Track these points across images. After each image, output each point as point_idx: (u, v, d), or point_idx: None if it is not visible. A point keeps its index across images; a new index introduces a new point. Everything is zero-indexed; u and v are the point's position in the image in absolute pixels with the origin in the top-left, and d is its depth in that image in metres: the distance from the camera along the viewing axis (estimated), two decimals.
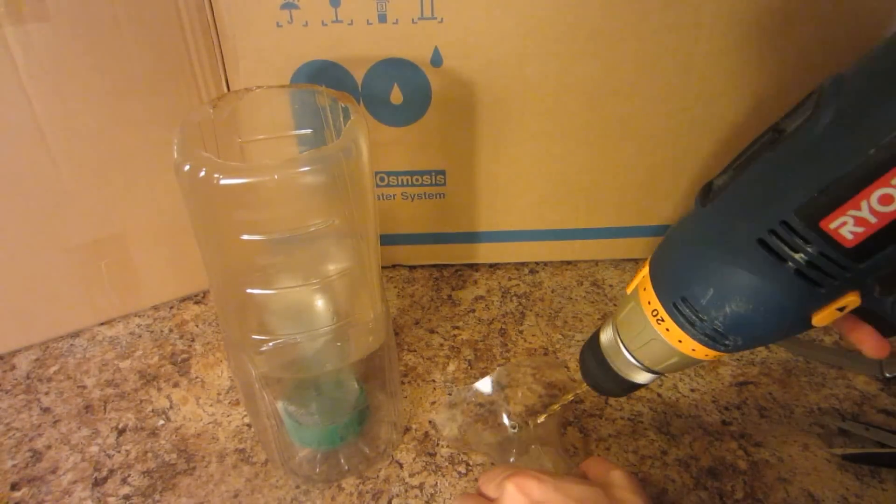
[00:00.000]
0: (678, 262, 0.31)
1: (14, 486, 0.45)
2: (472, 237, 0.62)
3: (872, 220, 0.23)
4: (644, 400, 0.50)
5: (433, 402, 0.50)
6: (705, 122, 0.54)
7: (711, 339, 0.30)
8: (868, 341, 0.30)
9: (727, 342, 0.30)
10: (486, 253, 0.63)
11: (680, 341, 0.32)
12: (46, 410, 0.50)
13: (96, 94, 0.47)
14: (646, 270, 0.33)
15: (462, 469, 0.45)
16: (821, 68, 0.52)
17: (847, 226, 0.24)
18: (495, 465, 0.41)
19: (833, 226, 0.24)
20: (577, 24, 0.49)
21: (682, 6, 0.49)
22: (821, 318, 0.27)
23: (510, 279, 0.63)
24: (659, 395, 0.50)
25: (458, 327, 0.57)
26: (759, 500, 0.43)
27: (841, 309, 0.27)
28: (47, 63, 0.45)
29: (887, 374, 0.50)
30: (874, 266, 0.25)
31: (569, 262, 0.65)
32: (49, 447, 0.47)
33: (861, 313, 0.28)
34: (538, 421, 0.45)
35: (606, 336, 0.37)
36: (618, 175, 0.57)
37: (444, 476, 0.45)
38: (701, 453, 0.46)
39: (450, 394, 0.50)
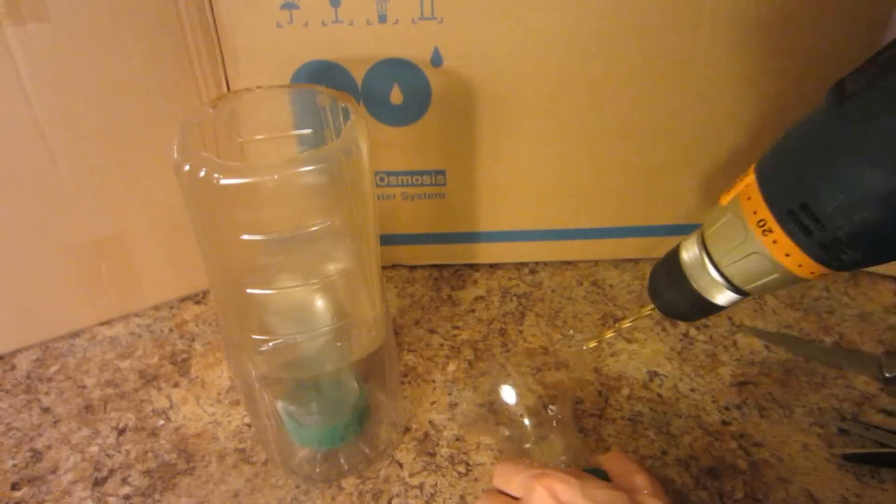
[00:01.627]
0: (801, 166, 0.28)
1: (14, 486, 0.45)
2: (472, 237, 0.62)
3: None
4: (644, 400, 0.50)
5: (433, 402, 0.50)
6: (705, 121, 0.54)
7: (828, 251, 0.28)
8: None
9: (843, 256, 0.28)
10: (486, 253, 0.63)
11: (787, 255, 0.29)
12: (46, 410, 0.50)
13: (96, 94, 0.47)
14: (751, 178, 0.31)
15: (462, 469, 0.45)
16: (821, 67, 0.52)
17: None
18: (508, 459, 0.40)
19: None
20: (577, 24, 0.49)
21: (682, 6, 0.49)
22: None
23: (510, 279, 0.63)
24: (659, 395, 0.50)
25: (458, 327, 0.57)
26: (759, 500, 0.43)
27: None
28: (47, 63, 0.45)
29: (887, 374, 0.50)
30: None
31: (569, 262, 0.65)
32: (49, 447, 0.47)
33: None
34: (591, 345, 0.42)
35: (690, 253, 0.34)
36: (618, 175, 0.57)
37: (444, 476, 0.45)
38: (701, 453, 0.46)
39: (450, 393, 0.50)
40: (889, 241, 0.27)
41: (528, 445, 0.44)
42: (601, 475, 0.38)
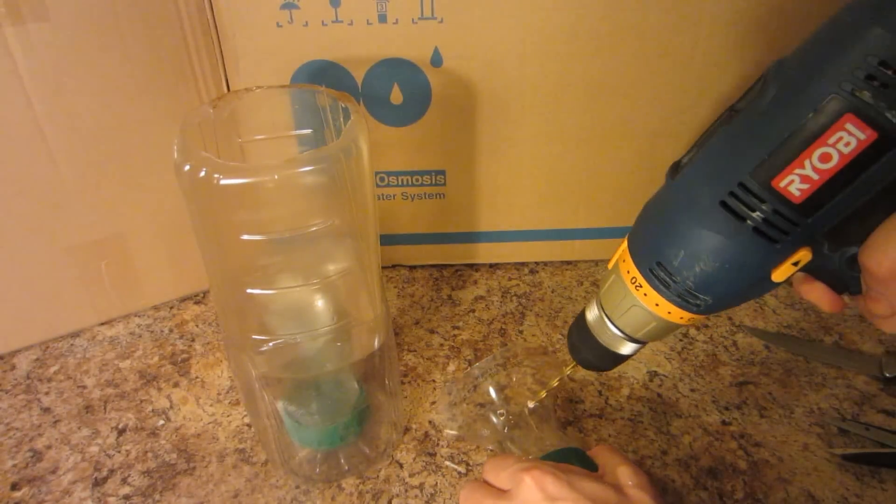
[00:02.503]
0: (652, 231, 0.34)
1: (14, 486, 0.45)
2: (472, 237, 0.62)
3: (815, 176, 0.27)
4: (644, 400, 0.50)
5: (433, 402, 0.50)
6: (705, 122, 0.54)
7: (684, 299, 0.33)
8: (824, 298, 0.33)
9: (698, 302, 0.33)
10: (486, 253, 0.63)
11: (657, 304, 0.34)
12: (46, 410, 0.50)
13: (96, 94, 0.47)
14: (625, 245, 0.36)
15: (462, 469, 0.45)
16: None
17: (794, 183, 0.28)
18: (500, 454, 0.41)
19: (783, 184, 0.28)
20: (577, 24, 0.49)
21: (682, 6, 0.49)
22: (779, 274, 0.31)
23: (510, 279, 0.63)
24: (659, 395, 0.50)
25: (458, 327, 0.57)
26: (759, 500, 0.43)
27: (795, 264, 0.30)
28: (47, 63, 0.45)
29: (887, 374, 0.50)
30: (820, 221, 0.29)
31: (569, 262, 0.65)
32: (49, 447, 0.47)
33: (815, 272, 0.32)
34: (530, 406, 0.45)
35: (592, 313, 0.39)
36: (617, 175, 0.57)
37: (444, 476, 0.45)
38: (701, 453, 0.46)
39: (450, 393, 0.50)
40: (728, 286, 0.32)
41: (505, 430, 0.44)
42: (589, 463, 0.38)
